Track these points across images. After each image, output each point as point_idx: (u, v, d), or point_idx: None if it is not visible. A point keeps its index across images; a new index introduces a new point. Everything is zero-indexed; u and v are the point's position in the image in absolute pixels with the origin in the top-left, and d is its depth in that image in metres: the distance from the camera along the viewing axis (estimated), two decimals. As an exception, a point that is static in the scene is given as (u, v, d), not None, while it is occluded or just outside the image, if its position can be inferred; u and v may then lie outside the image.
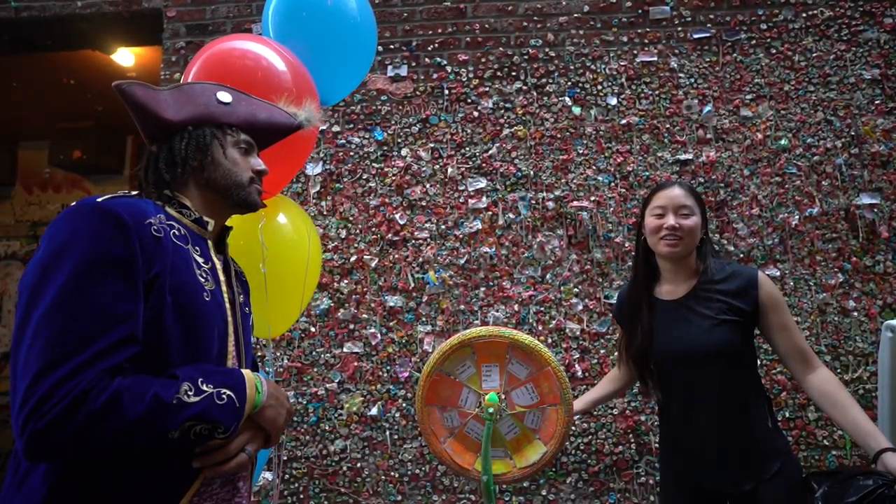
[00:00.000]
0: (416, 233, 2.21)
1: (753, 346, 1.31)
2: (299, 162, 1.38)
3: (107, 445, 0.66)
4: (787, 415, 2.04)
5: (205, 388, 0.71)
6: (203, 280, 0.82)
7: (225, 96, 0.92)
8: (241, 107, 0.94)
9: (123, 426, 0.65)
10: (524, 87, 2.28)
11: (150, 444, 0.69)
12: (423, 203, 2.23)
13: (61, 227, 0.70)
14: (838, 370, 2.06)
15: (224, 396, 0.73)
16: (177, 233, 0.80)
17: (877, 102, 2.18)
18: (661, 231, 1.28)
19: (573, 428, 2.05)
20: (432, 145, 2.27)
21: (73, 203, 0.73)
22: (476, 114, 2.27)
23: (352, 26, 1.45)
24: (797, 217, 2.14)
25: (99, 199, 0.73)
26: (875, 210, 2.12)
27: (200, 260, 0.83)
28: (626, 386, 1.52)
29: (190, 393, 0.70)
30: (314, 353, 2.17)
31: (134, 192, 0.85)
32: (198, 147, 0.87)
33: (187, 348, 0.75)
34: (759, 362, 2.05)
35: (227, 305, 0.86)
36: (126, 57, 3.20)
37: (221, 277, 0.87)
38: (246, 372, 0.81)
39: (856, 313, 2.08)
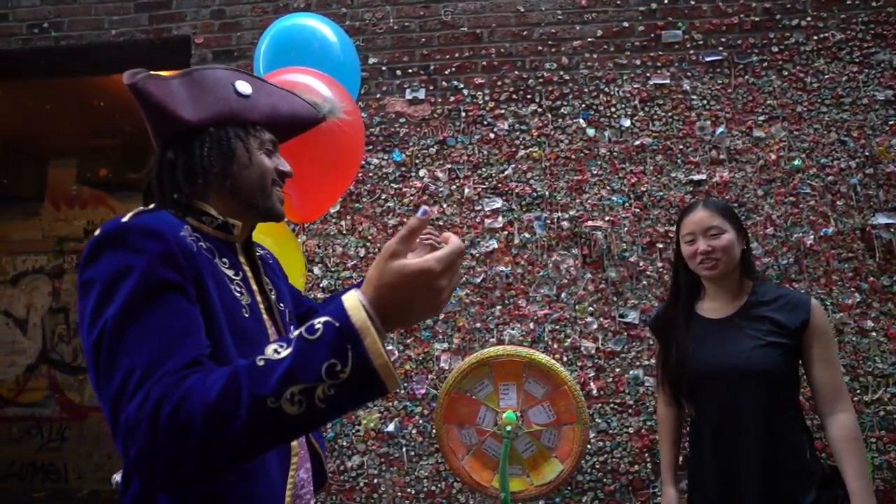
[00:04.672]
0: (432, 251, 2.26)
1: (797, 372, 1.27)
2: (345, 183, 1.42)
3: (209, 442, 0.53)
4: (806, 436, 2.02)
5: (294, 334, 0.56)
6: (239, 295, 0.75)
7: (244, 87, 0.81)
8: (261, 98, 0.83)
9: (207, 406, 0.53)
10: (539, 110, 2.34)
11: (257, 425, 0.53)
12: (441, 223, 2.29)
13: (104, 263, 0.63)
14: (857, 391, 2.04)
15: (316, 327, 0.54)
16: (203, 245, 0.72)
17: (890, 123, 2.20)
18: (696, 257, 1.29)
19: (589, 446, 2.06)
20: (449, 166, 2.33)
21: (98, 232, 0.66)
22: (492, 135, 2.33)
23: (337, 66, 1.54)
24: (812, 237, 2.14)
25: (125, 220, 0.66)
26: (892, 230, 2.12)
27: (230, 273, 0.75)
28: (682, 421, 1.45)
29: (280, 349, 0.54)
30: (333, 368, 2.21)
31: (151, 206, 0.76)
32: (221, 153, 0.77)
33: None
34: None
35: (265, 317, 0.80)
36: (154, 80, 3.33)
37: (254, 287, 0.80)
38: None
39: (874, 333, 2.07)
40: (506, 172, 2.30)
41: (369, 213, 2.32)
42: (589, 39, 2.37)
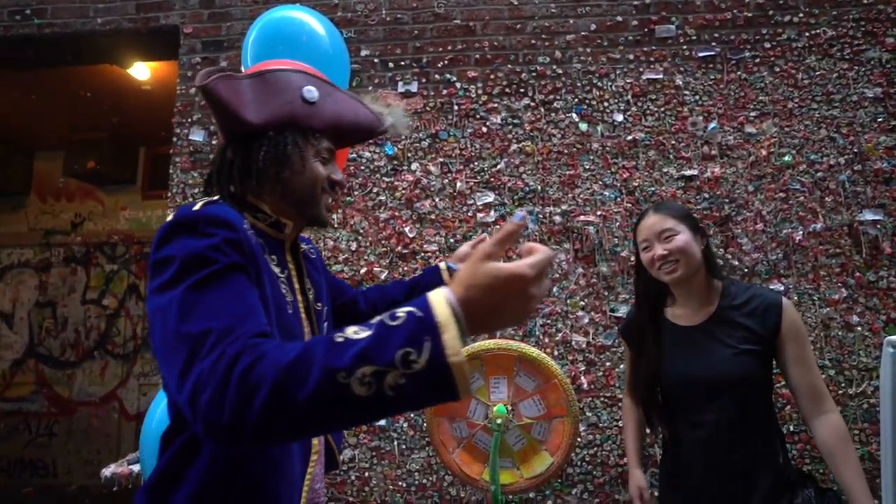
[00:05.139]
0: (425, 246, 2.26)
1: (771, 375, 1.26)
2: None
3: (276, 402, 0.53)
4: (791, 428, 2.05)
5: (375, 319, 0.55)
6: (284, 291, 0.79)
7: (311, 93, 0.82)
8: (327, 106, 0.84)
9: (279, 368, 0.53)
10: (532, 104, 2.33)
11: (324, 397, 0.52)
12: (433, 217, 2.28)
13: (180, 244, 0.66)
14: (842, 384, 2.07)
15: (398, 314, 0.53)
16: (256, 241, 0.75)
17: (879, 120, 2.22)
18: (655, 263, 1.26)
19: (579, 439, 2.08)
20: (442, 160, 2.32)
21: (172, 218, 0.70)
22: (485, 129, 2.32)
23: (326, 59, 1.54)
24: (801, 232, 2.16)
25: (196, 209, 0.70)
26: (878, 226, 2.15)
27: (277, 270, 0.79)
28: None
29: (361, 331, 0.54)
30: (324, 362, 2.21)
31: (215, 198, 0.80)
32: (276, 157, 0.80)
33: None
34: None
35: (303, 315, 0.83)
36: (142, 71, 3.28)
37: (296, 286, 0.84)
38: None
39: (859, 328, 2.10)
40: (498, 166, 2.30)
41: (361, 207, 2.31)
42: (582, 33, 2.37)
